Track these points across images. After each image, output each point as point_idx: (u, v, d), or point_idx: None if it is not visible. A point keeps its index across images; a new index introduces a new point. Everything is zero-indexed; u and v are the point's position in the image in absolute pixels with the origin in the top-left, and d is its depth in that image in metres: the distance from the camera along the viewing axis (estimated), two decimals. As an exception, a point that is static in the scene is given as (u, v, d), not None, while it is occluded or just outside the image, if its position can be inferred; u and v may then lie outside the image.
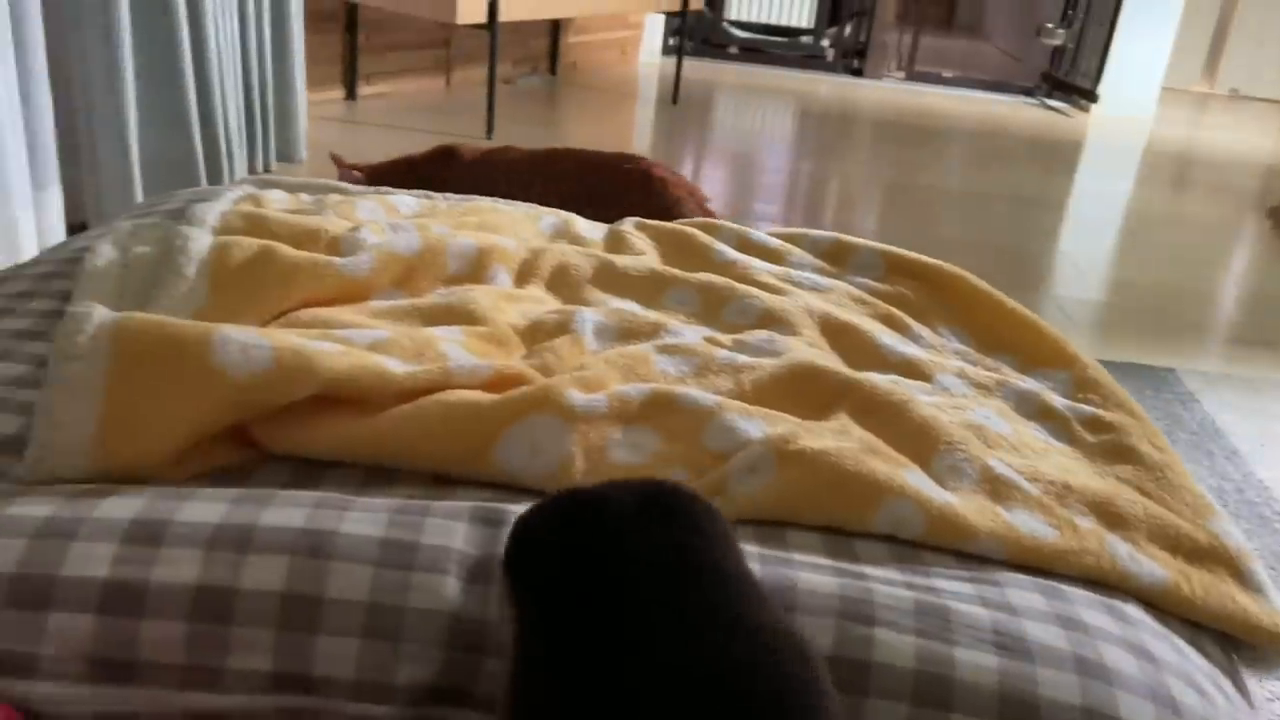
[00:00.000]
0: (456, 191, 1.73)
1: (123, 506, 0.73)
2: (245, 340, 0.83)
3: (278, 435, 0.85)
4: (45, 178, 2.21)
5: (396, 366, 0.89)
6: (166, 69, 2.37)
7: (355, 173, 2.11)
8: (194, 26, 2.40)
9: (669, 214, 1.90)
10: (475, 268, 1.19)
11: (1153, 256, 3.08)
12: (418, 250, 1.15)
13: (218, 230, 1.14)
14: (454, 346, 0.98)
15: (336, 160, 2.14)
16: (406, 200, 1.39)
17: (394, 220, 1.25)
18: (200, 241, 1.08)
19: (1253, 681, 1.23)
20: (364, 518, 0.75)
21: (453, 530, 0.76)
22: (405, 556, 0.73)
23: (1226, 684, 0.82)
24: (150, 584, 0.69)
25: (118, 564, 0.70)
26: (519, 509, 0.83)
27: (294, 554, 0.71)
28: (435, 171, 2.06)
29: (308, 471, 0.86)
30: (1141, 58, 5.07)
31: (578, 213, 1.81)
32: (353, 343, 0.93)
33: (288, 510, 0.75)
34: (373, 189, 1.44)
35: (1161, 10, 5.00)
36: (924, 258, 1.36)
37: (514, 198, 1.73)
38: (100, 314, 0.83)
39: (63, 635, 0.68)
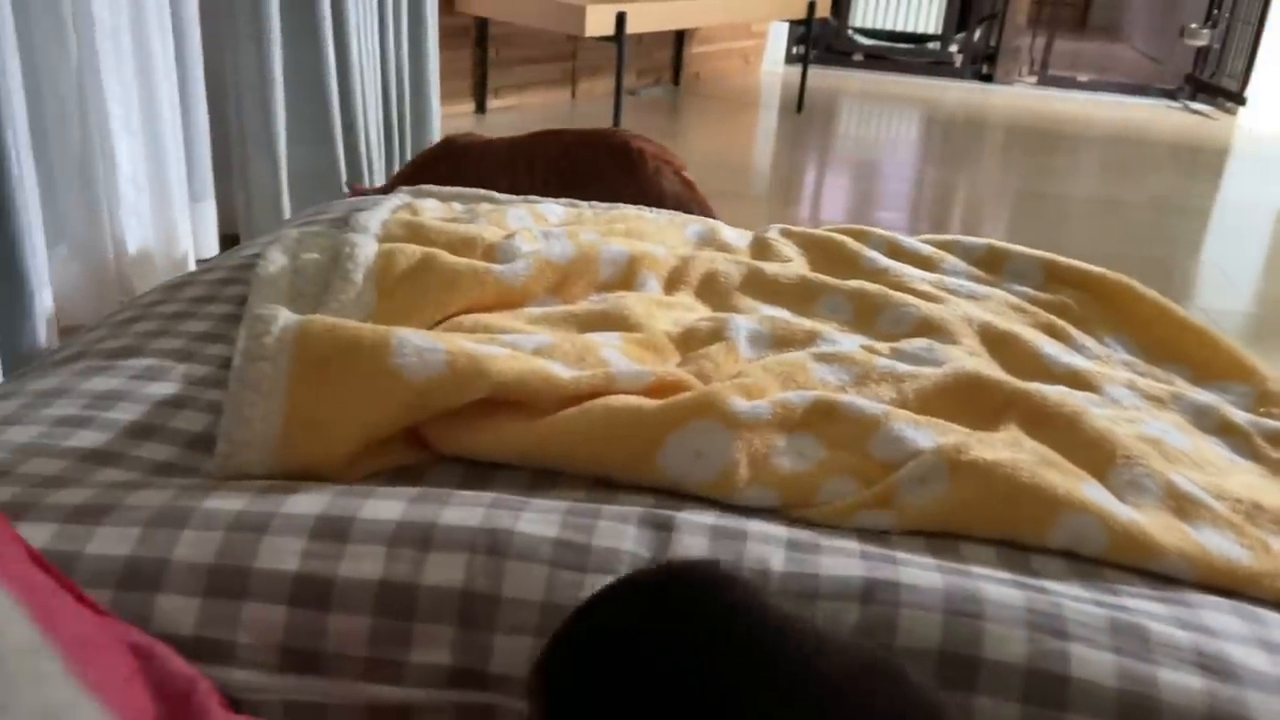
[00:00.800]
0: (463, 185, 1.77)
1: (309, 503, 0.76)
2: (421, 344, 0.85)
3: (448, 437, 0.86)
4: (201, 190, 2.33)
5: (562, 371, 0.90)
6: (313, 84, 2.46)
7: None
8: (339, 44, 2.49)
9: (649, 184, 1.93)
10: (626, 274, 1.20)
11: (1312, 266, 2.91)
12: (572, 257, 1.16)
13: (381, 238, 1.18)
14: (613, 352, 0.99)
15: (356, 190, 2.19)
16: (554, 208, 1.41)
17: (545, 228, 1.27)
18: (366, 248, 1.11)
19: None
20: (538, 518, 0.76)
21: (623, 532, 0.77)
22: (579, 557, 0.73)
23: None
24: (337, 578, 0.71)
25: (307, 558, 0.72)
26: (686, 515, 0.82)
27: (473, 552, 0.72)
28: (440, 170, 2.09)
29: (477, 473, 0.87)
30: (1294, 57, 4.81)
31: (564, 191, 1.84)
32: (519, 348, 0.94)
33: (465, 509, 0.76)
34: (520, 198, 1.46)
35: (1316, 7, 4.73)
36: (1085, 265, 1.31)
37: (500, 185, 1.80)
38: (285, 316, 0.86)
39: (257, 625, 0.70)
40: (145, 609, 0.70)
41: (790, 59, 5.21)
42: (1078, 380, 1.09)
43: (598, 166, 1.99)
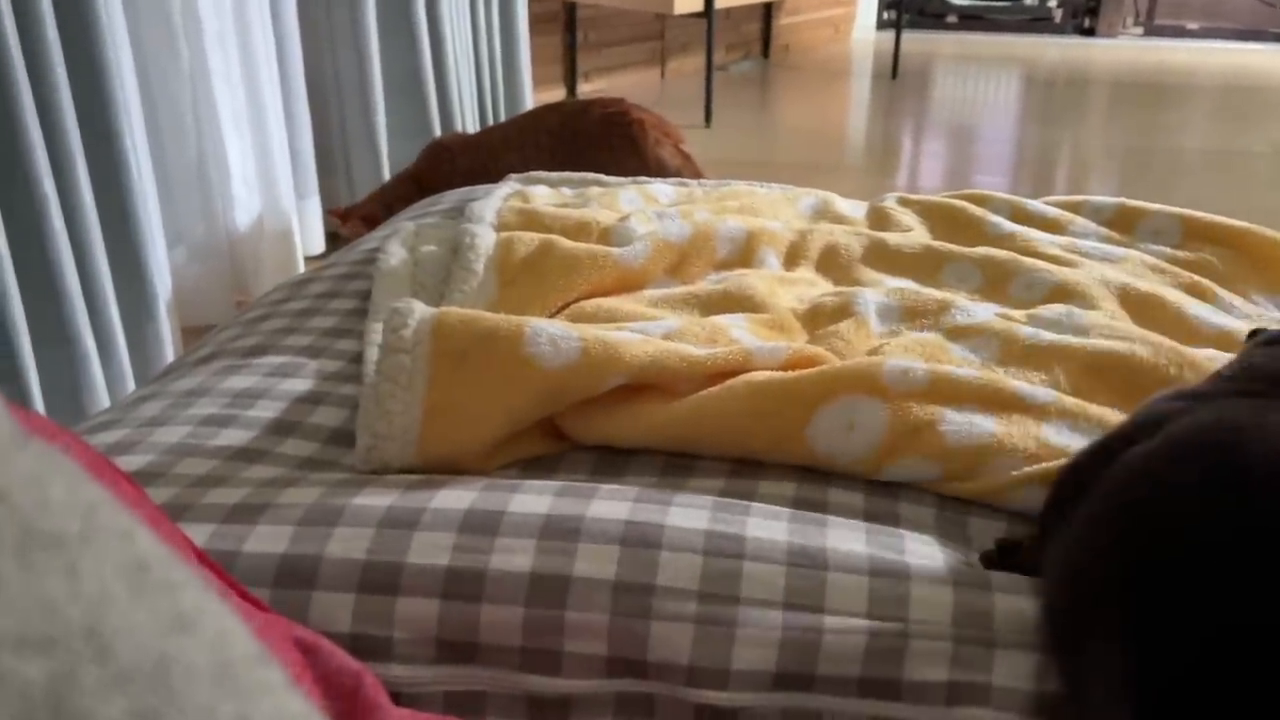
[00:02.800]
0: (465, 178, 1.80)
1: (457, 498, 0.76)
2: (555, 332, 0.84)
3: (585, 426, 0.86)
4: (306, 187, 2.37)
5: (697, 350, 0.89)
6: (411, 81, 2.48)
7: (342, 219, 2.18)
8: (434, 40, 2.51)
9: (649, 155, 1.99)
10: (745, 252, 1.17)
11: None
12: (689, 236, 1.14)
13: (496, 226, 1.18)
14: (742, 332, 0.97)
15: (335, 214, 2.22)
16: (664, 189, 1.39)
17: (657, 209, 1.25)
18: (485, 238, 1.11)
19: None
20: (688, 511, 0.75)
21: (776, 522, 0.75)
22: (734, 546, 0.72)
23: None
24: (488, 571, 0.71)
25: (458, 552, 0.72)
26: (838, 496, 0.80)
27: (624, 544, 0.71)
28: (435, 176, 2.10)
29: (610, 460, 0.86)
30: None
31: (568, 161, 1.85)
32: (649, 334, 0.93)
33: (612, 503, 0.75)
34: (630, 179, 1.45)
35: None
36: (1228, 220, 1.24)
37: (509, 161, 1.86)
38: (421, 309, 0.86)
39: (412, 619, 0.70)
40: (302, 606, 0.71)
41: (881, 24, 5.10)
42: (1230, 343, 1.03)
43: (598, 136, 2.02)
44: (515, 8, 2.85)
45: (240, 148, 2.10)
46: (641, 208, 1.29)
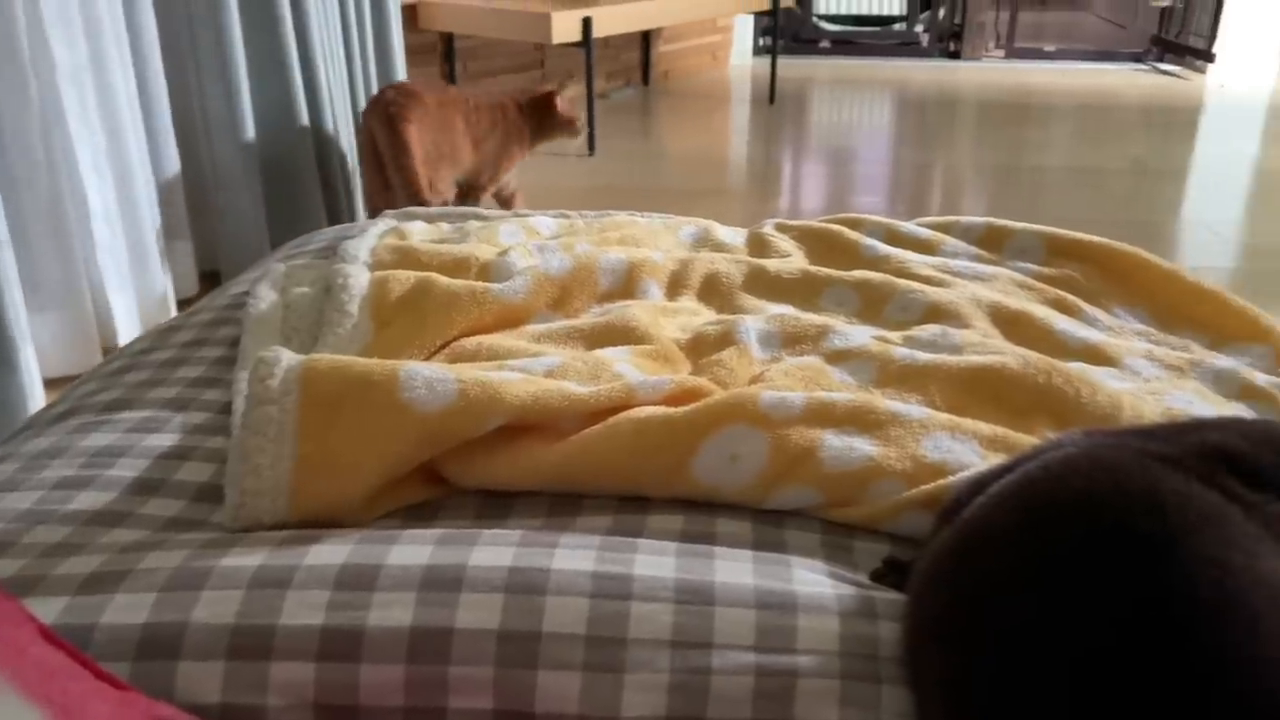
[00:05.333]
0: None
1: (332, 552, 0.73)
2: (430, 375, 0.82)
3: (467, 469, 0.84)
4: (177, 229, 2.29)
5: (579, 389, 0.87)
6: (284, 116, 2.42)
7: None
8: (306, 73, 2.45)
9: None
10: (627, 283, 1.17)
11: (1296, 218, 2.91)
12: (570, 270, 1.13)
13: (371, 266, 1.15)
14: (625, 366, 0.96)
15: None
16: (545, 221, 1.38)
17: (538, 242, 1.24)
18: (358, 278, 1.08)
19: None
20: (573, 553, 0.73)
21: (664, 559, 0.74)
22: (621, 587, 0.71)
23: None
24: (367, 628, 0.68)
25: (333, 610, 0.69)
26: (725, 526, 0.80)
27: (508, 592, 0.70)
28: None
29: (494, 503, 0.85)
30: (1258, 11, 4.82)
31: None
32: (530, 371, 0.91)
33: (495, 549, 0.73)
34: (511, 212, 1.43)
35: (1275, -41, 4.75)
36: (1088, 236, 1.29)
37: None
38: (288, 357, 0.83)
39: (287, 685, 0.67)
40: (167, 679, 0.66)
41: (758, 51, 5.20)
42: (1096, 355, 1.07)
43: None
44: (391, 40, 2.81)
45: (101, 188, 2.01)
46: (522, 241, 1.27)
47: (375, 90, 2.80)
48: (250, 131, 2.33)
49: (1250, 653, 0.54)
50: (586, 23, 3.28)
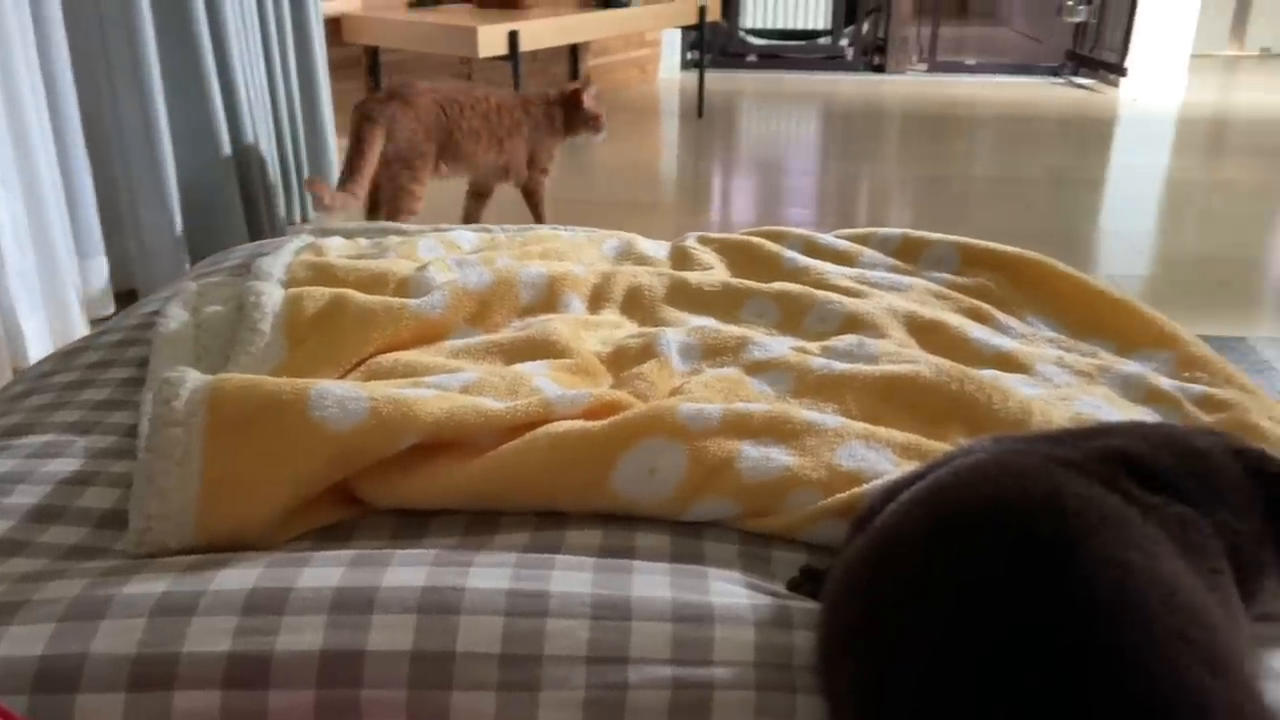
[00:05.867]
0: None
1: (240, 577, 0.71)
2: (342, 393, 0.81)
3: (382, 488, 0.82)
4: (90, 246, 2.22)
5: (495, 404, 0.87)
6: (201, 129, 2.37)
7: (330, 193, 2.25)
8: (225, 86, 2.41)
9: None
10: (548, 296, 1.17)
11: (1203, 225, 3.01)
12: (489, 284, 1.12)
13: (285, 283, 1.13)
14: (544, 380, 0.96)
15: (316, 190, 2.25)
16: (466, 235, 1.37)
17: (458, 256, 1.23)
18: (271, 295, 1.06)
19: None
20: (489, 571, 0.72)
21: (581, 574, 0.74)
22: (537, 604, 0.70)
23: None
24: (275, 653, 0.67)
25: (241, 636, 0.67)
26: (645, 540, 0.80)
27: (421, 612, 0.69)
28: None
29: (410, 522, 0.83)
30: (1167, 26, 4.99)
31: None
32: (446, 388, 0.90)
33: (409, 569, 0.72)
34: (430, 227, 1.42)
35: (1183, -24, 4.93)
36: (1001, 246, 1.32)
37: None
38: (194, 378, 0.81)
39: (192, 714, 0.65)
40: (66, 712, 0.64)
41: (686, 65, 5.24)
42: (1008, 362, 1.09)
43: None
44: (313, 53, 2.78)
45: (9, 203, 1.94)
46: (441, 256, 1.26)
47: (298, 105, 2.77)
48: (166, 145, 2.28)
49: (1145, 653, 0.56)
50: (513, 36, 3.28)
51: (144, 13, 2.18)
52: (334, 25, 3.39)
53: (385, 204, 2.40)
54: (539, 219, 2.67)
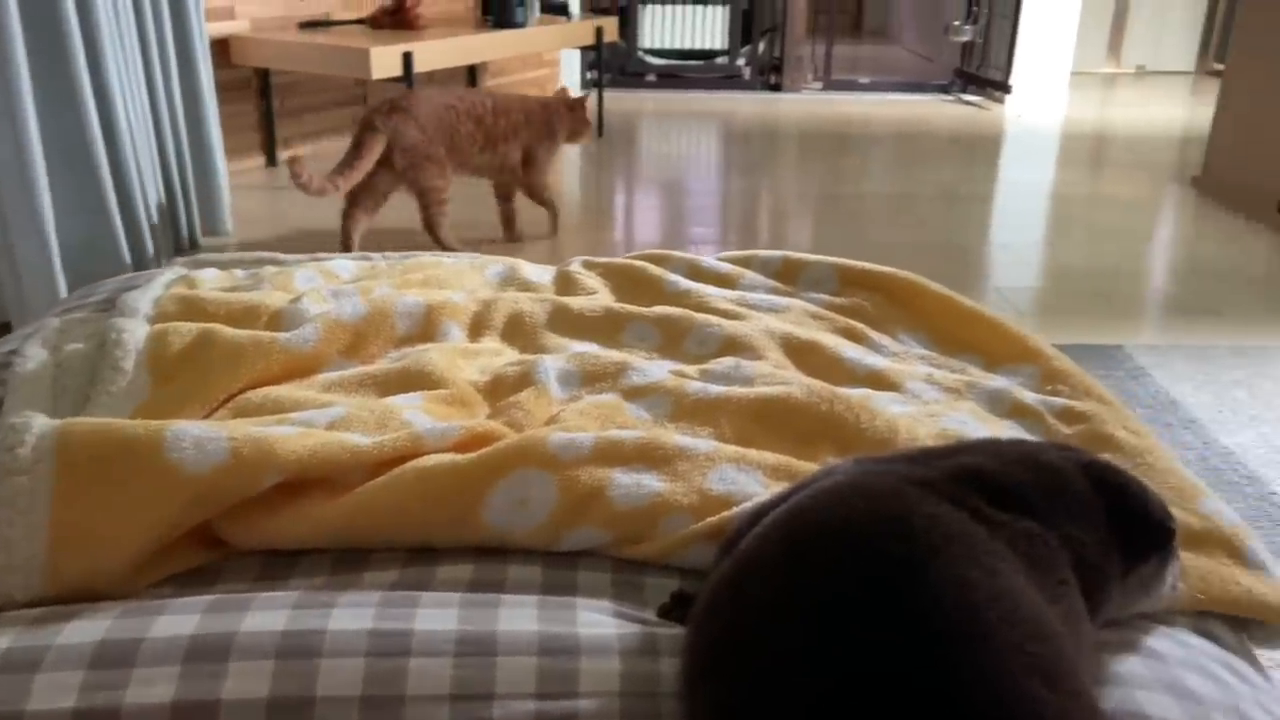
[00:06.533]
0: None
1: (88, 629, 0.69)
2: (199, 434, 0.79)
3: (245, 530, 0.81)
4: (-39, 278, 2.14)
5: (362, 440, 0.86)
6: (78, 154, 2.30)
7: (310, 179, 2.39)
8: (102, 109, 2.34)
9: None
10: (425, 326, 1.16)
11: (1086, 238, 3.13)
12: (364, 315, 1.11)
13: (152, 318, 1.10)
14: (416, 413, 0.95)
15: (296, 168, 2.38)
16: (345, 264, 1.35)
17: (335, 287, 1.21)
18: (136, 332, 1.03)
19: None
20: (352, 612, 0.71)
21: (446, 610, 0.73)
22: (399, 644, 0.69)
23: (1242, 665, 0.81)
24: (124, 708, 0.65)
25: (87, 691, 0.65)
26: (516, 572, 0.80)
27: (279, 657, 0.67)
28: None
29: (277, 563, 0.82)
30: (1048, 45, 5.19)
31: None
32: (312, 424, 0.89)
33: (268, 613, 0.71)
34: (309, 256, 1.40)
35: (1061, -3, 5.14)
36: (875, 267, 1.35)
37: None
38: (40, 423, 0.78)
39: (34, 776, 0.63)
40: (-104, 780, 0.61)
41: (585, 84, 5.26)
42: (880, 380, 1.12)
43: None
44: (198, 74, 2.71)
45: None
46: (318, 286, 1.24)
47: (183, 128, 2.70)
48: (40, 171, 2.20)
49: (982, 668, 0.58)
50: (407, 57, 3.25)
51: (14, 33, 2.11)
52: (221, 46, 3.33)
53: (419, 209, 2.59)
54: (552, 213, 2.93)
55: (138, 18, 2.51)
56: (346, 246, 2.62)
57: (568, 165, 3.93)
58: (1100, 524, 0.75)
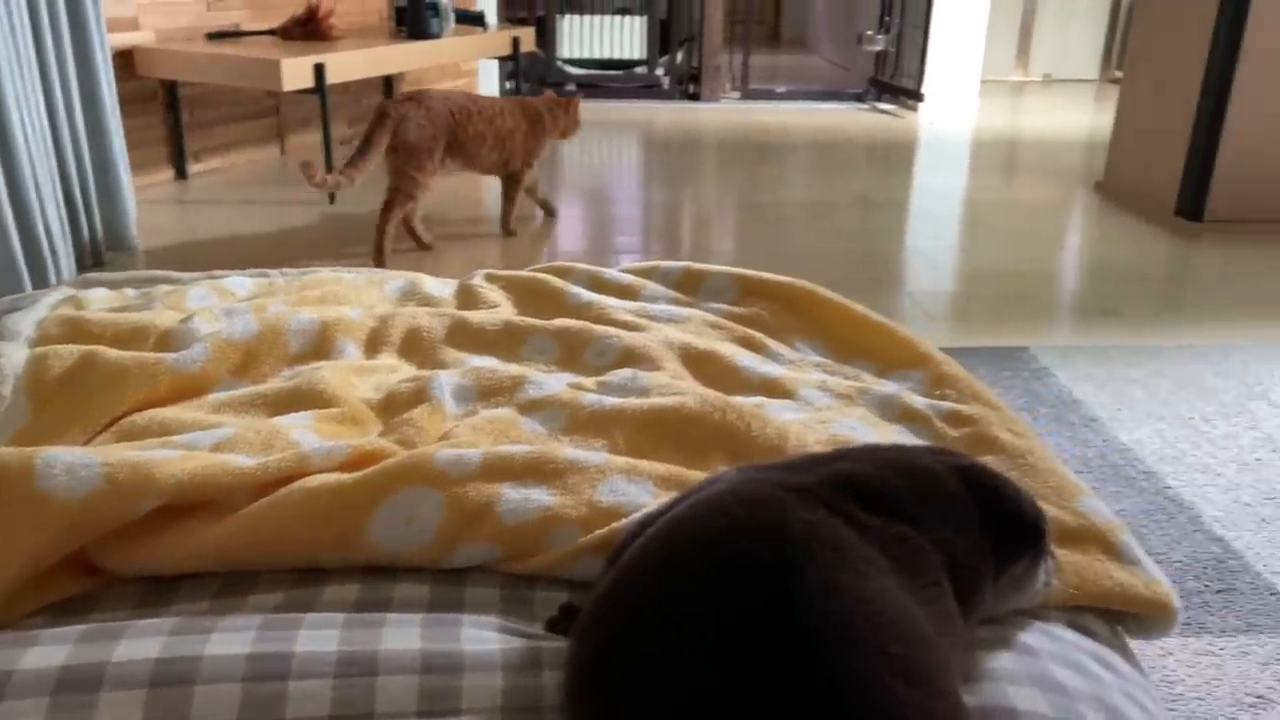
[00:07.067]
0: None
1: (-53, 663, 0.67)
2: (72, 460, 0.78)
3: (124, 557, 0.79)
4: None
5: (246, 461, 0.85)
6: (-28, 171, 2.23)
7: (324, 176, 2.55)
8: (-2, 123, 2.27)
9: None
10: (320, 344, 1.15)
11: (995, 242, 3.21)
12: (255, 334, 1.10)
13: (35, 341, 1.07)
14: (305, 433, 0.94)
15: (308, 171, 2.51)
16: (242, 281, 1.34)
17: (229, 305, 1.20)
18: (15, 356, 1.01)
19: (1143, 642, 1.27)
20: (231, 637, 0.71)
21: (329, 631, 0.73)
22: (278, 667, 0.69)
23: (1113, 656, 0.84)
24: (-14, 744, 0.63)
25: (-54, 729, 0.63)
26: (404, 591, 0.80)
27: (153, 686, 0.66)
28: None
29: (158, 589, 0.81)
30: (958, 54, 5.32)
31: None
32: (196, 446, 0.88)
33: (144, 641, 0.69)
34: (204, 274, 1.38)
35: (971, 7, 5.25)
36: (774, 276, 1.38)
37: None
38: (-98, 454, 0.76)
39: (-111, 818, 0.61)
40: None
41: (504, 95, 5.24)
42: (774, 388, 1.13)
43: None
44: (100, 87, 2.65)
45: None
46: (211, 305, 1.22)
47: (85, 142, 2.64)
48: (-69, 191, 2.13)
49: (845, 670, 0.59)
50: (319, 69, 3.22)
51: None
52: (125, 58, 3.25)
53: (387, 190, 2.72)
54: (546, 210, 3.29)
55: (34, 29, 2.44)
56: (412, 233, 2.87)
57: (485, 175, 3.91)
58: (973, 526, 0.78)
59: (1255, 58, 3.17)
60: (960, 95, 5.39)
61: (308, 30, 3.55)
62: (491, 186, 3.74)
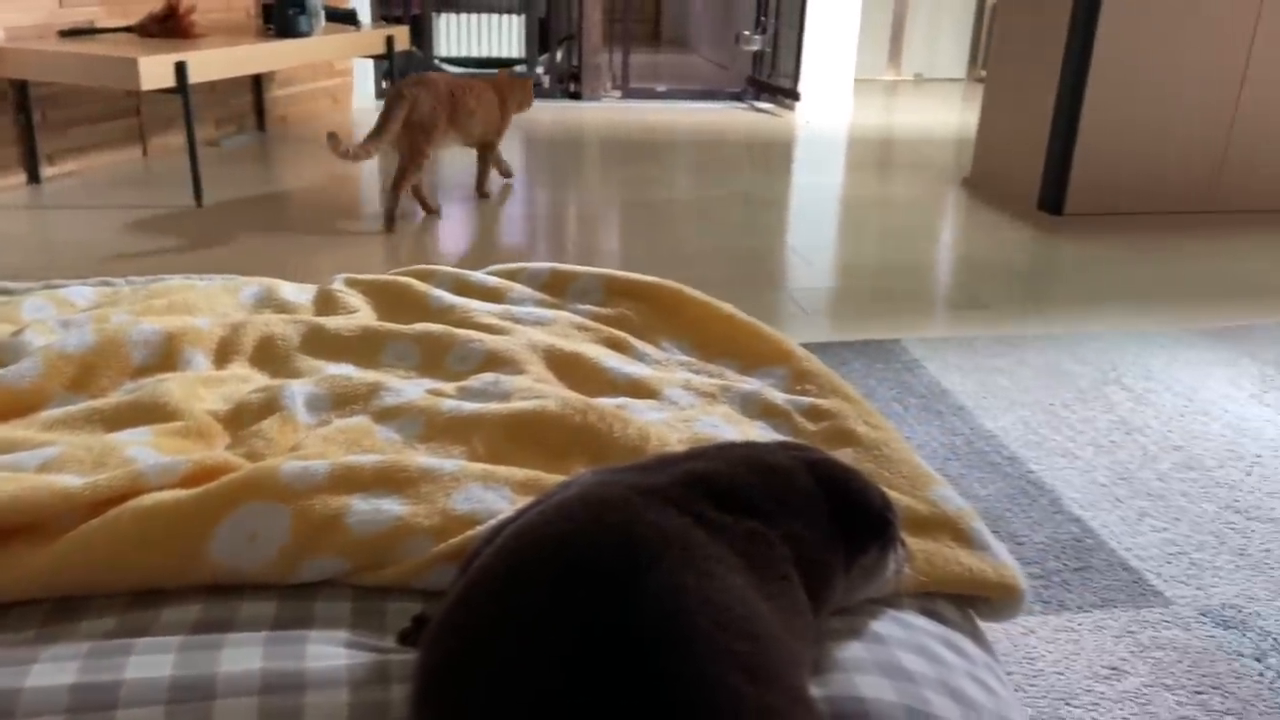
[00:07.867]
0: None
1: None
2: (-128, 486, 0.72)
3: (-67, 586, 0.74)
4: None
5: (73, 481, 0.80)
6: None
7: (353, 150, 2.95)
8: None
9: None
10: (165, 355, 1.10)
11: (870, 238, 3.28)
12: (92, 346, 1.05)
13: None
14: (142, 449, 0.90)
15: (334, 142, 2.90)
16: (84, 291, 1.27)
17: (67, 316, 1.14)
18: None
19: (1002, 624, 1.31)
20: (54, 667, 0.67)
21: (162, 656, 0.69)
22: (105, 697, 0.65)
23: (962, 640, 0.86)
24: None
25: None
26: (248, 609, 0.77)
27: (-45, 725, 0.62)
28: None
29: (-21, 619, 0.76)
30: (832, 54, 5.43)
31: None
32: (21, 467, 0.83)
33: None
34: (40, 284, 1.31)
35: (844, 8, 5.37)
36: (640, 276, 1.38)
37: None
38: None
39: None
40: None
41: (381, 94, 5.14)
42: (639, 389, 1.13)
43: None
44: (-63, 89, 2.50)
45: None
46: (47, 316, 1.16)
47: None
48: None
49: (687, 669, 0.59)
50: (180, 67, 3.10)
51: None
52: (-32, 57, 3.08)
53: (398, 163, 3.10)
54: (504, 173, 3.73)
55: None
56: (423, 203, 3.28)
57: (366, 175, 3.83)
58: (823, 519, 0.79)
59: (1105, 63, 3.33)
60: (835, 94, 5.51)
61: (167, 27, 3.42)
62: (370, 184, 3.67)
